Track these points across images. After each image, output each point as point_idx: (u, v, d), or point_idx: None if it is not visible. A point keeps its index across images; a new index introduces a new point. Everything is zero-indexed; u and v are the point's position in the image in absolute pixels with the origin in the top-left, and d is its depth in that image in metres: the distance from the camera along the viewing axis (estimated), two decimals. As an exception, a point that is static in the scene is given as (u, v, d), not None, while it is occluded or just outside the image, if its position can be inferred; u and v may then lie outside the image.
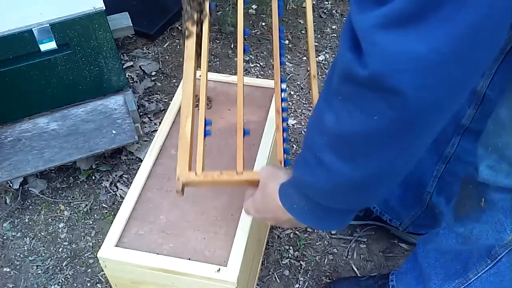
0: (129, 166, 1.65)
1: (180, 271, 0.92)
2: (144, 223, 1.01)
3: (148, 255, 0.95)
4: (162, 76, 1.95)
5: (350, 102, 0.55)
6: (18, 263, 1.45)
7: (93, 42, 1.41)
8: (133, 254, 0.95)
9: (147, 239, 0.98)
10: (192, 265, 0.93)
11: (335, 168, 0.61)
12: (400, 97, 0.50)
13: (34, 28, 1.32)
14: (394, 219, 1.39)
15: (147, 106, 1.82)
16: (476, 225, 0.95)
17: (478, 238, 0.96)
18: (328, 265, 1.42)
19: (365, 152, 0.58)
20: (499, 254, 0.94)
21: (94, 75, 1.49)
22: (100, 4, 1.37)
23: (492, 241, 0.94)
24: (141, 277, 0.96)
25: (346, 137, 0.58)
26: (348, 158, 0.60)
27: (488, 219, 0.93)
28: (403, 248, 1.46)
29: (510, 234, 0.91)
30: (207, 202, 1.04)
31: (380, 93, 0.51)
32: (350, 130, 0.56)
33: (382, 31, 0.48)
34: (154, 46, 2.06)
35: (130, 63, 1.97)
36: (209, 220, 1.02)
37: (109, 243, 0.97)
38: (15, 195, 1.58)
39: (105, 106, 1.56)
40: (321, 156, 0.62)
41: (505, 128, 0.86)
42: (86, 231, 1.51)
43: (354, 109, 0.55)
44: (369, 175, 0.60)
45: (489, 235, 0.94)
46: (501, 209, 0.90)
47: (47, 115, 1.54)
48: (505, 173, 0.86)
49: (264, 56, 2.01)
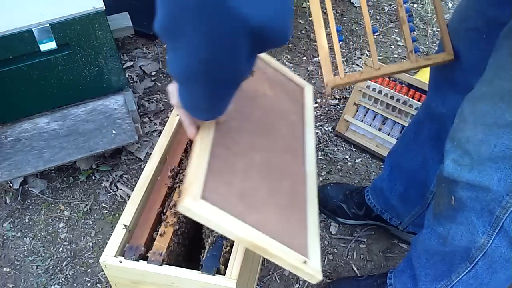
0: (129, 166, 1.65)
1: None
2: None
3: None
4: (162, 76, 1.95)
5: None
6: (18, 263, 1.45)
7: (93, 42, 1.41)
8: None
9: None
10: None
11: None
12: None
13: (34, 28, 1.32)
14: (394, 218, 1.39)
15: (147, 106, 1.82)
16: (453, 226, 0.96)
17: (454, 239, 0.97)
18: (328, 265, 1.42)
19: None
20: (475, 257, 0.95)
21: (94, 75, 1.49)
22: (100, 4, 1.37)
23: (467, 243, 0.94)
24: (141, 278, 0.96)
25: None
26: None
27: (463, 220, 0.93)
28: (403, 248, 1.46)
29: (482, 237, 0.91)
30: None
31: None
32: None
33: None
34: (154, 46, 2.06)
35: (130, 63, 1.97)
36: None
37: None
38: (15, 195, 1.58)
39: (105, 106, 1.56)
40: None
41: (466, 122, 0.88)
42: (86, 231, 1.51)
43: None
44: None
45: (463, 237, 0.95)
46: (473, 210, 0.91)
47: (47, 115, 1.54)
48: (468, 168, 0.87)
49: (264, 56, 2.01)
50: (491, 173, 0.85)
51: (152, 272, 0.93)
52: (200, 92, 0.74)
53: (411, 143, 1.27)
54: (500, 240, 0.90)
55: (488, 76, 0.87)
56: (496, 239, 0.90)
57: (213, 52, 0.62)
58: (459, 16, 1.06)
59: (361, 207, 1.46)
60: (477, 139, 0.85)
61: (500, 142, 0.82)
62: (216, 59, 0.64)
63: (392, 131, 1.64)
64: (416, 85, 1.61)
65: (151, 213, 1.01)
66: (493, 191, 0.85)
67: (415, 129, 1.25)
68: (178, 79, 0.74)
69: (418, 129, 1.23)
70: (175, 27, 0.61)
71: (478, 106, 0.86)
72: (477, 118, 0.86)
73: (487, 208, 0.88)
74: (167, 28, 0.63)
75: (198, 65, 0.65)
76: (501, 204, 0.86)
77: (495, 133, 0.83)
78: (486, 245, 0.92)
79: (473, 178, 0.87)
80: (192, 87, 0.73)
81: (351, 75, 1.07)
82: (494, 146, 0.83)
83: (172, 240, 0.97)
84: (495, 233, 0.90)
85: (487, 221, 0.89)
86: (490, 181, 0.85)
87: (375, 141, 1.68)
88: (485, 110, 0.84)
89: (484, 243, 0.92)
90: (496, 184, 0.85)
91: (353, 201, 1.47)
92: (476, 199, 0.89)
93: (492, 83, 0.85)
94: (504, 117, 0.81)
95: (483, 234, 0.91)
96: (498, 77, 0.83)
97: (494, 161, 0.84)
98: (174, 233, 0.98)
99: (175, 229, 0.99)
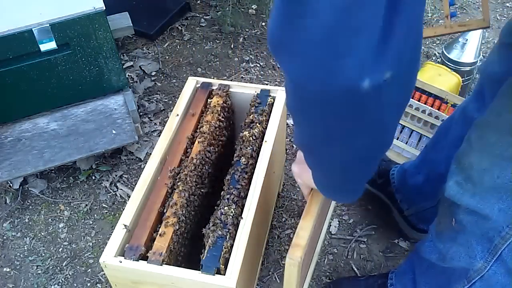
0: (129, 166, 1.65)
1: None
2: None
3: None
4: (162, 76, 1.95)
5: None
6: (18, 263, 1.45)
7: (93, 42, 1.41)
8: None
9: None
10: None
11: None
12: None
13: (34, 28, 1.32)
14: (404, 202, 1.40)
15: (147, 106, 1.82)
16: (453, 245, 0.96)
17: (453, 258, 0.96)
18: (328, 265, 1.42)
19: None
20: (473, 278, 0.94)
21: (94, 75, 1.49)
22: (100, 4, 1.37)
23: (465, 264, 0.94)
24: (141, 278, 0.96)
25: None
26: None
27: (463, 242, 0.93)
28: (403, 248, 1.46)
29: (480, 262, 0.91)
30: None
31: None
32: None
33: None
34: (154, 46, 2.06)
35: (130, 63, 1.97)
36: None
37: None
38: (15, 195, 1.58)
39: (105, 106, 1.56)
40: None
41: (472, 148, 0.88)
42: (86, 231, 1.51)
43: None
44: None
45: (461, 258, 0.94)
46: (473, 234, 0.90)
47: (47, 115, 1.54)
48: (470, 193, 0.87)
49: (264, 56, 2.01)
50: (492, 203, 0.84)
51: (152, 272, 0.93)
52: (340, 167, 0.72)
53: (442, 137, 1.26)
54: (497, 267, 0.89)
55: (497, 106, 0.85)
56: (494, 265, 0.90)
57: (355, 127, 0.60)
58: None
59: (382, 176, 1.46)
60: (481, 168, 0.85)
61: (503, 174, 0.82)
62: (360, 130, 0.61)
63: (392, 131, 1.64)
64: (416, 85, 1.62)
65: (151, 213, 1.01)
66: (492, 220, 0.85)
67: (449, 125, 1.24)
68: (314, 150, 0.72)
69: (451, 126, 1.23)
70: (306, 113, 0.61)
71: (485, 134, 0.86)
72: (483, 147, 0.85)
73: (486, 235, 0.88)
74: (295, 110, 0.63)
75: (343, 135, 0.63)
76: (500, 234, 0.86)
77: (499, 165, 0.82)
78: (483, 269, 0.91)
79: (474, 204, 0.86)
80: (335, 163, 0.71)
81: None
82: (497, 177, 0.82)
83: (172, 240, 0.97)
84: (493, 260, 0.89)
85: (486, 248, 0.89)
86: (491, 210, 0.84)
87: (375, 141, 1.67)
88: (492, 140, 0.83)
89: (482, 267, 0.91)
90: (496, 214, 0.84)
91: (379, 167, 1.47)
92: (476, 225, 0.88)
93: (500, 115, 0.83)
94: (510, 151, 0.80)
95: (481, 259, 0.90)
96: (506, 109, 0.82)
97: (496, 191, 0.83)
98: (174, 233, 0.98)
99: (175, 229, 0.99)
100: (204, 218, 1.06)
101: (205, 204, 1.14)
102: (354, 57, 0.49)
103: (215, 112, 1.19)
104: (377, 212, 1.51)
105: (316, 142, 0.67)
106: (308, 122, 0.64)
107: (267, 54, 2.02)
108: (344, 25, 0.48)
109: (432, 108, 1.53)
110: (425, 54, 2.02)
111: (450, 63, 1.75)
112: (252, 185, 1.06)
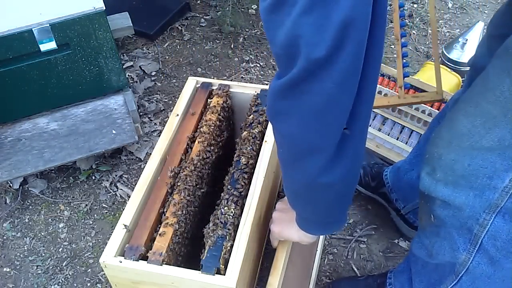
0: (129, 166, 1.65)
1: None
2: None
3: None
4: (162, 76, 1.95)
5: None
6: (18, 263, 1.45)
7: (93, 42, 1.41)
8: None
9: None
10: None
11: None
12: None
13: (34, 28, 1.32)
14: (400, 200, 1.40)
15: (147, 106, 1.82)
16: (437, 240, 0.95)
17: (438, 253, 0.96)
18: (328, 265, 1.42)
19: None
20: (460, 272, 0.94)
21: (94, 75, 1.49)
22: (100, 4, 1.37)
23: (450, 258, 0.94)
24: (141, 278, 0.96)
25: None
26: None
27: (445, 235, 0.93)
28: (403, 248, 1.46)
29: (463, 254, 0.90)
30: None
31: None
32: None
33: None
34: (154, 46, 2.06)
35: (130, 63, 1.97)
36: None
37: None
38: (15, 195, 1.58)
39: (105, 106, 1.56)
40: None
41: (442, 138, 0.89)
42: (86, 231, 1.51)
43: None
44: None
45: (446, 252, 0.94)
46: (453, 226, 0.90)
47: (47, 115, 1.54)
48: (443, 183, 0.87)
49: (264, 56, 2.01)
50: (466, 189, 0.84)
51: (152, 272, 0.93)
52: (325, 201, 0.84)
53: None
54: (480, 257, 0.89)
55: (474, 95, 0.84)
56: (477, 256, 0.89)
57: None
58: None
59: (375, 179, 1.47)
60: (450, 158, 0.85)
61: (474, 162, 0.82)
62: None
63: (392, 131, 1.64)
64: (416, 85, 1.62)
65: (151, 213, 1.01)
66: (469, 207, 0.84)
67: (440, 117, 1.24)
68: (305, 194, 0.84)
69: (443, 117, 1.23)
70: None
71: (456, 125, 0.85)
72: (452, 138, 0.85)
73: (465, 225, 0.87)
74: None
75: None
76: (478, 222, 0.85)
77: (469, 154, 0.82)
78: (467, 261, 0.91)
79: (448, 193, 0.86)
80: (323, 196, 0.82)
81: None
82: (468, 165, 0.82)
83: (172, 240, 0.97)
84: (475, 251, 0.88)
85: (467, 238, 0.88)
86: (466, 196, 0.84)
87: (375, 141, 1.67)
88: (462, 132, 0.83)
89: (466, 259, 0.90)
90: (472, 200, 0.84)
91: (371, 171, 1.49)
92: (454, 217, 0.88)
93: (478, 105, 0.82)
94: (481, 142, 0.80)
95: (464, 251, 0.90)
96: (486, 99, 0.80)
97: (467, 179, 0.83)
98: (174, 233, 0.98)
99: (175, 229, 0.99)
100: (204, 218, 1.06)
101: (205, 204, 1.14)
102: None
103: (215, 112, 1.19)
104: (376, 212, 1.51)
105: (301, 187, 0.82)
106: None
107: (267, 54, 2.02)
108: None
109: (432, 108, 1.53)
110: (425, 54, 2.02)
111: (450, 63, 1.75)
112: (252, 185, 1.06)
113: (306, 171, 0.76)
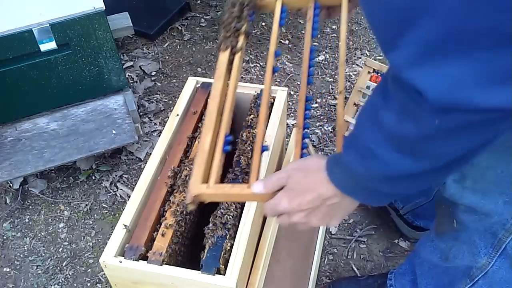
0: (129, 166, 1.65)
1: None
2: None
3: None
4: (162, 76, 1.95)
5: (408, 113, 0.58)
6: (18, 263, 1.45)
7: (93, 42, 1.41)
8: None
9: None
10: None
11: (393, 161, 0.61)
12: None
13: (34, 28, 1.32)
14: (398, 200, 1.40)
15: (147, 106, 1.82)
16: (456, 244, 0.95)
17: (456, 257, 0.96)
18: (328, 265, 1.42)
19: (426, 150, 0.60)
20: (476, 276, 0.94)
21: (94, 75, 1.49)
22: (100, 4, 1.37)
23: (468, 262, 0.94)
24: (141, 278, 0.96)
25: (408, 137, 0.59)
26: (410, 153, 0.60)
27: (465, 240, 0.93)
28: (403, 248, 1.46)
29: (483, 258, 0.90)
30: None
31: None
32: (413, 133, 0.58)
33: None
34: (154, 46, 2.06)
35: (130, 63, 1.97)
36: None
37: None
38: (15, 195, 1.58)
39: (105, 106, 1.56)
40: (376, 150, 0.62)
41: None
42: (86, 231, 1.51)
43: (410, 119, 0.58)
44: (430, 168, 0.61)
45: (464, 256, 0.94)
46: (475, 231, 0.90)
47: (47, 115, 1.54)
48: (470, 190, 0.86)
49: (264, 56, 2.01)
50: (496, 196, 0.83)
51: (152, 272, 0.93)
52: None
53: None
54: (501, 262, 0.89)
55: None
56: (498, 261, 0.89)
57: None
58: None
59: None
60: (483, 165, 0.83)
61: (508, 168, 0.80)
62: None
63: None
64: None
65: (151, 213, 1.01)
66: (497, 214, 0.84)
67: None
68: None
69: None
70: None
71: None
72: None
73: (490, 230, 0.87)
74: None
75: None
76: (504, 227, 0.85)
77: (504, 160, 0.80)
78: (487, 266, 0.91)
79: (476, 200, 0.85)
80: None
81: (220, 187, 0.84)
82: (501, 171, 0.81)
83: (172, 240, 0.97)
84: (497, 255, 0.89)
85: (490, 243, 0.88)
86: (495, 204, 0.83)
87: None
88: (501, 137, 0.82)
89: (485, 264, 0.91)
90: (501, 207, 0.83)
91: None
92: (479, 222, 0.88)
93: None
94: None
95: (485, 255, 0.90)
96: None
97: (499, 185, 0.82)
98: (174, 233, 0.98)
99: (175, 229, 0.99)
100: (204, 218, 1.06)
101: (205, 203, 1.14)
102: None
103: (215, 112, 1.19)
104: (376, 212, 1.51)
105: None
106: None
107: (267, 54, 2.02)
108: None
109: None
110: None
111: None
112: (252, 185, 1.06)
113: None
